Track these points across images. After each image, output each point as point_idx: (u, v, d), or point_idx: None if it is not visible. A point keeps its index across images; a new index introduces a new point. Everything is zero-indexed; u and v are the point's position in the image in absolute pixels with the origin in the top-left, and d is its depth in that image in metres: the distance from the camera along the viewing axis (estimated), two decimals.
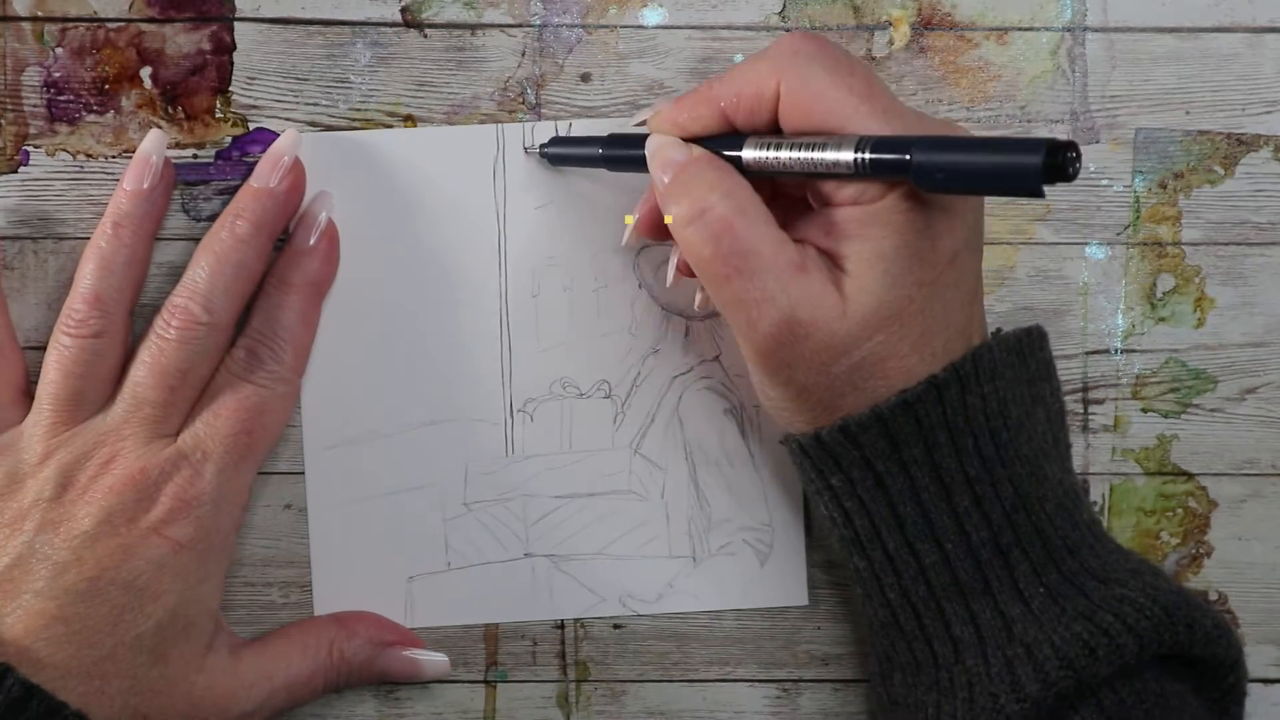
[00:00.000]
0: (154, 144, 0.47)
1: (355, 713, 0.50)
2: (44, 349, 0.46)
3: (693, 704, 0.50)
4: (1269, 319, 0.50)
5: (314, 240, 0.48)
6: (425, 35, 0.49)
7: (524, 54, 0.49)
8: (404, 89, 0.49)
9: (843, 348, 0.41)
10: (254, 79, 0.48)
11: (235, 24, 0.48)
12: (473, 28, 0.49)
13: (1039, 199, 0.37)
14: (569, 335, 0.49)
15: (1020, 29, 0.49)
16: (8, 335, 0.48)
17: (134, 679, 0.43)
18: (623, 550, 0.50)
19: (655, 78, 0.49)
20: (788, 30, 0.49)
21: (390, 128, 0.49)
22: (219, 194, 0.48)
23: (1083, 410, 0.50)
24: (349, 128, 0.49)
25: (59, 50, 0.48)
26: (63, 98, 0.48)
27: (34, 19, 0.48)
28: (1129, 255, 0.50)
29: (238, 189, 0.47)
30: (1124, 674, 0.41)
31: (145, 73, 0.48)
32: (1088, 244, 0.50)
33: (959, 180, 0.38)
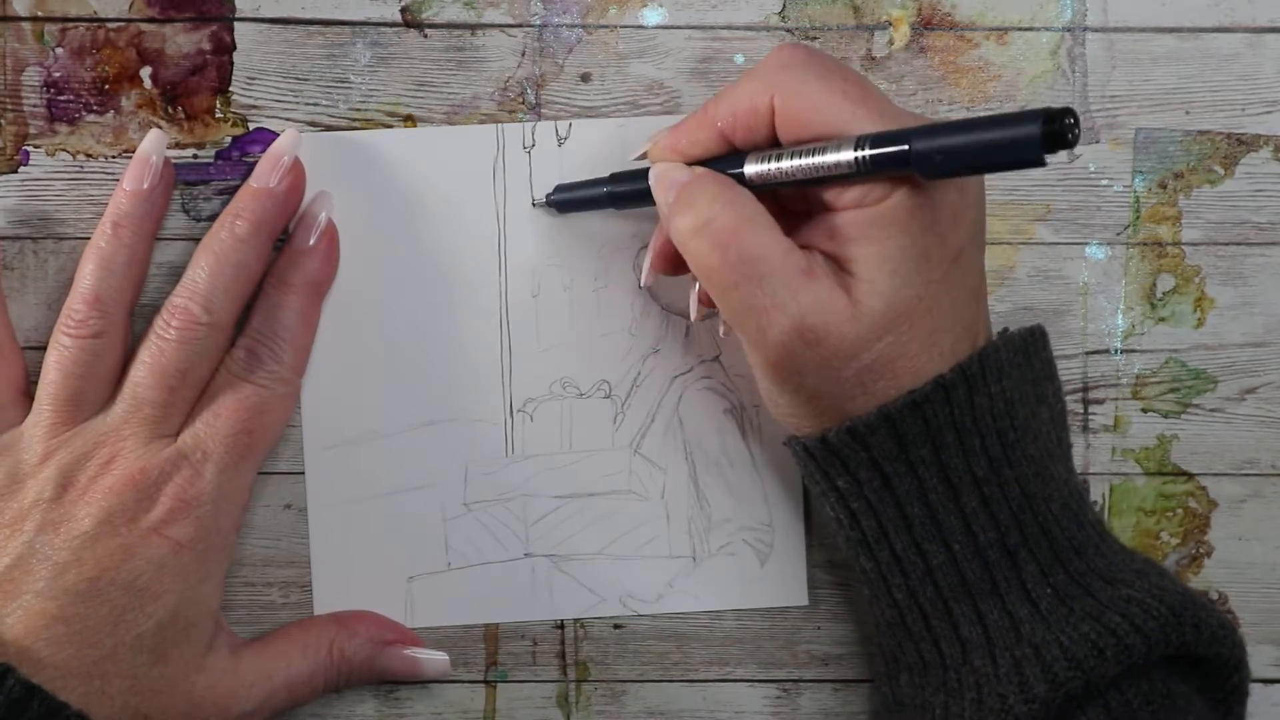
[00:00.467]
0: (154, 144, 0.47)
1: (355, 712, 0.50)
2: (44, 349, 0.46)
3: (693, 704, 0.50)
4: (1269, 319, 0.50)
5: (314, 240, 0.48)
6: (425, 35, 0.49)
7: (524, 54, 0.49)
8: (404, 89, 0.49)
9: (853, 351, 0.41)
10: (254, 79, 0.48)
11: (235, 24, 0.48)
12: (473, 28, 0.49)
13: (1041, 167, 0.37)
14: (569, 335, 0.49)
15: (1020, 29, 0.49)
16: (8, 335, 0.48)
17: (134, 679, 0.43)
18: (623, 550, 0.50)
19: (655, 78, 0.49)
20: (788, 30, 0.49)
21: (390, 128, 0.49)
22: (219, 194, 0.48)
23: (1083, 410, 0.50)
24: (349, 128, 0.49)
25: (59, 50, 0.48)
26: (63, 98, 0.48)
27: (34, 19, 0.48)
28: (1129, 255, 0.50)
29: (238, 189, 0.47)
30: (1131, 674, 0.42)
31: (145, 73, 0.48)
32: (1088, 244, 0.50)
33: (961, 160, 0.38)
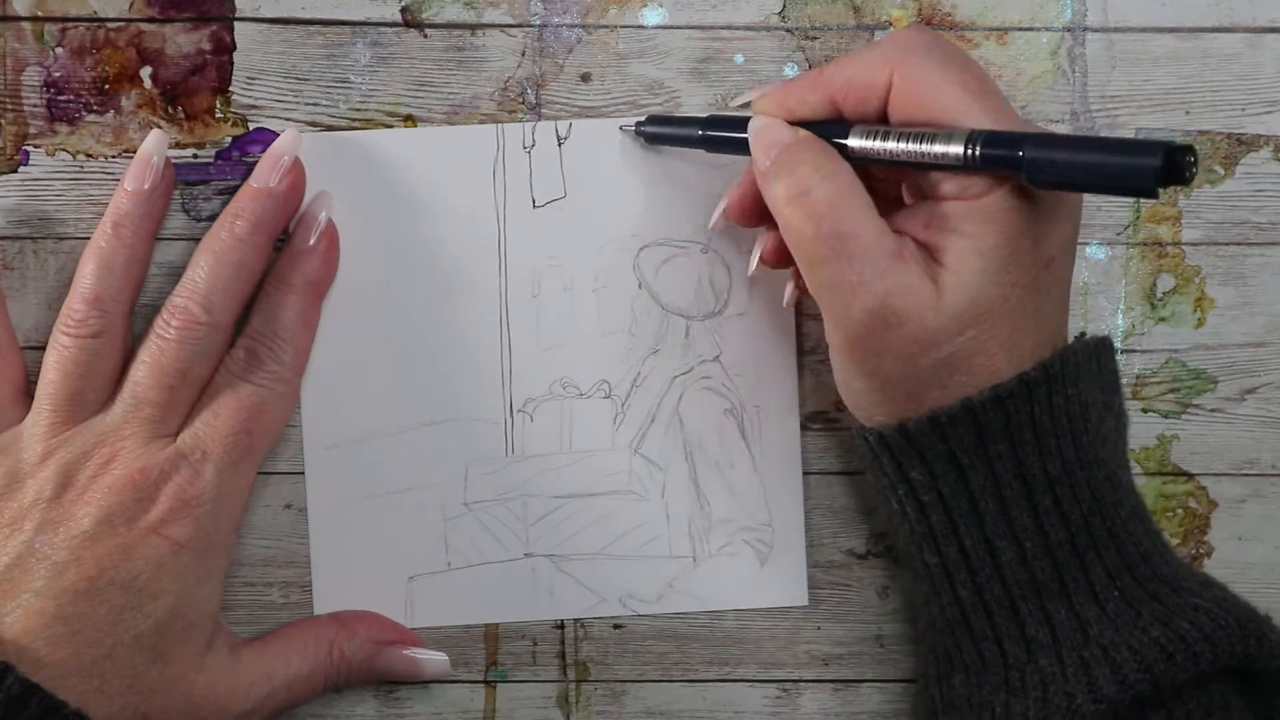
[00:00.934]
0: (155, 144, 0.47)
1: (355, 713, 0.50)
2: (44, 349, 0.46)
3: (693, 704, 0.50)
4: (1269, 319, 0.50)
5: (314, 240, 0.48)
6: (425, 35, 0.49)
7: (524, 54, 0.49)
8: (404, 89, 0.49)
9: (933, 340, 0.41)
10: (254, 79, 0.48)
11: (235, 24, 0.48)
12: (473, 28, 0.49)
13: (1152, 199, 0.37)
14: (569, 335, 0.49)
15: (1020, 29, 0.49)
16: (7, 335, 0.48)
17: (133, 678, 0.43)
18: (623, 550, 0.50)
19: (655, 78, 0.49)
20: (788, 31, 0.49)
21: (390, 128, 0.49)
22: (219, 194, 0.48)
23: None
24: (349, 128, 0.49)
25: (59, 50, 0.48)
26: (63, 98, 0.48)
27: (34, 19, 0.48)
28: (1129, 255, 0.50)
29: (238, 189, 0.47)
30: (1193, 684, 0.41)
31: (145, 73, 0.48)
32: (1088, 244, 0.50)
33: (1072, 176, 0.38)
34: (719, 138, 0.46)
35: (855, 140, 0.42)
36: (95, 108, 0.48)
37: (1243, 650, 0.41)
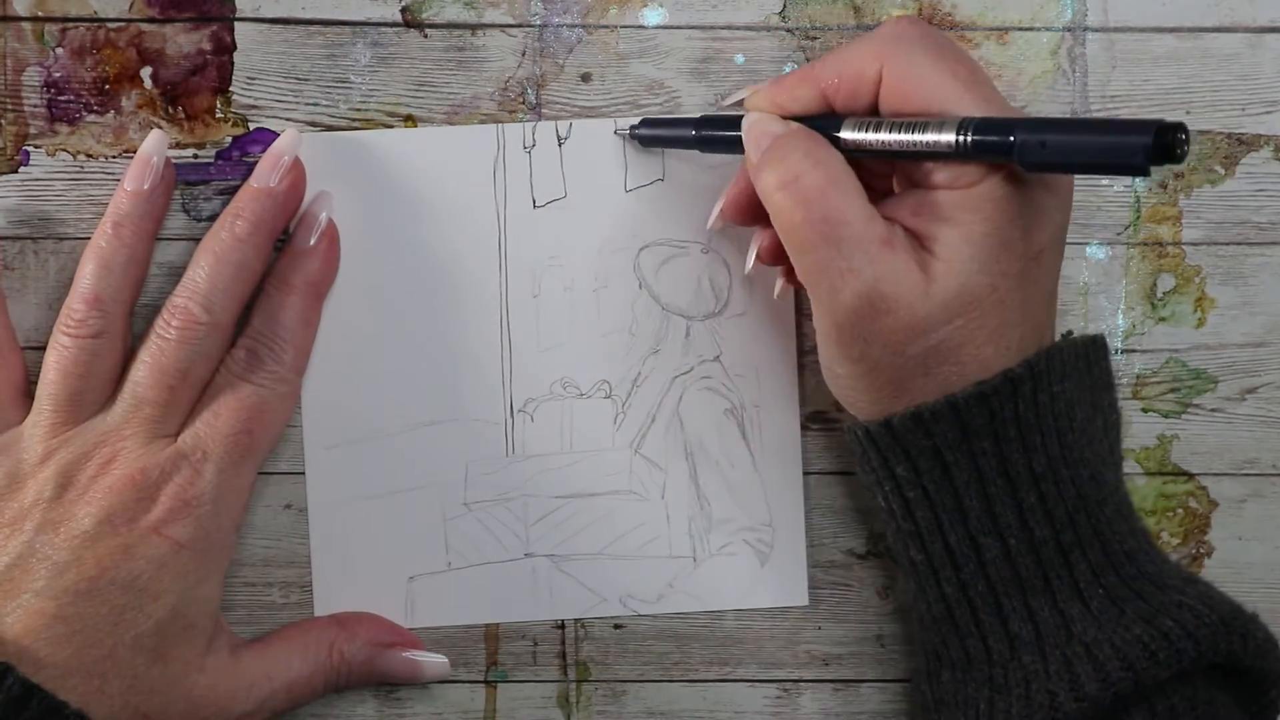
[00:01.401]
0: (155, 144, 0.47)
1: (355, 713, 0.50)
2: (44, 349, 0.46)
3: (693, 704, 0.50)
4: (1269, 319, 0.50)
5: (314, 240, 0.48)
6: (425, 35, 0.49)
7: (524, 54, 0.49)
8: (404, 89, 0.49)
9: (921, 328, 0.41)
10: (254, 79, 0.48)
11: (235, 24, 0.48)
12: (473, 28, 0.49)
13: (1145, 177, 0.37)
14: (569, 335, 0.49)
15: (1020, 29, 0.49)
16: (8, 335, 0.48)
17: (134, 678, 0.43)
18: (623, 550, 0.50)
19: (655, 78, 0.49)
20: (788, 31, 0.49)
21: (390, 128, 0.49)
22: (219, 194, 0.48)
23: None
24: (349, 128, 0.49)
25: (59, 50, 0.48)
26: (63, 98, 0.48)
27: (34, 19, 0.48)
28: (1129, 255, 0.50)
29: (238, 189, 0.47)
30: (1177, 680, 0.41)
31: (145, 73, 0.48)
32: (1088, 244, 0.50)
33: (1065, 156, 0.38)
34: (713, 137, 0.46)
35: (848, 133, 0.42)
36: (95, 108, 0.48)
37: (1226, 647, 0.41)
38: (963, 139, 0.40)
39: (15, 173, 0.48)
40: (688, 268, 0.49)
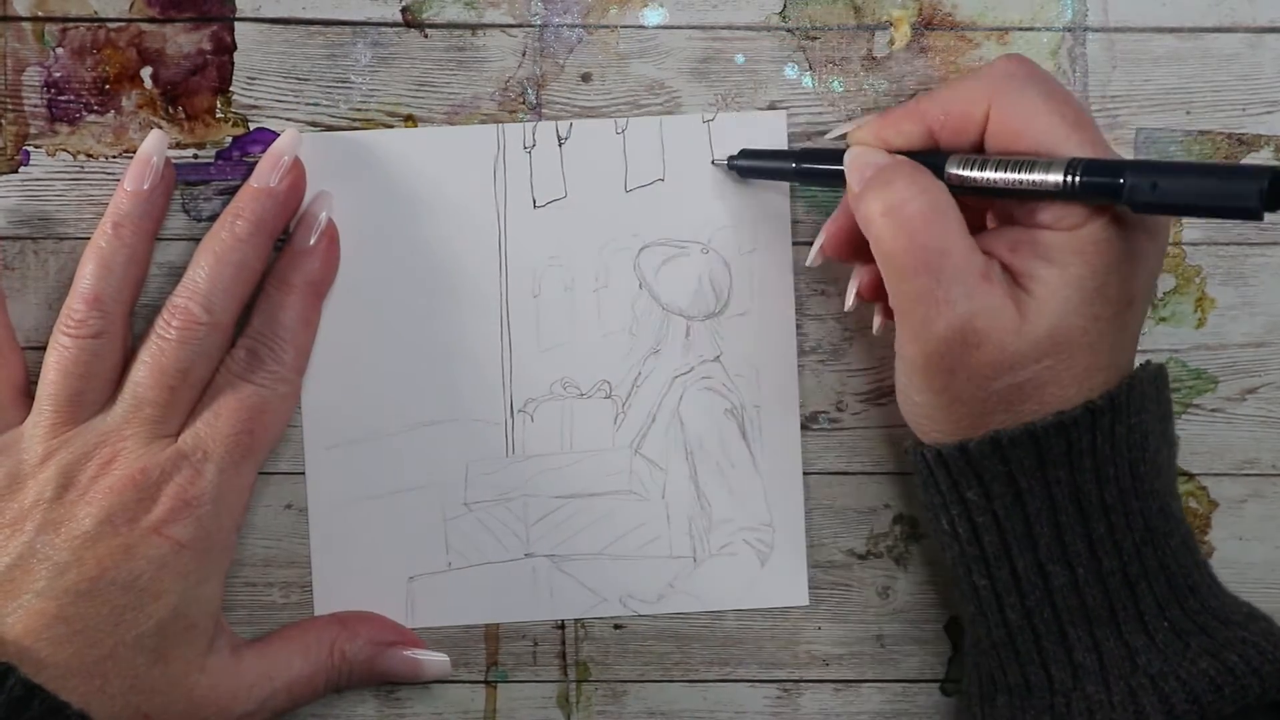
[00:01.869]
0: (155, 144, 0.47)
1: (356, 713, 0.50)
2: (44, 349, 0.46)
3: (693, 704, 0.50)
4: (1269, 319, 0.50)
5: (314, 240, 0.48)
6: (426, 35, 0.49)
7: (524, 54, 0.49)
8: (404, 89, 0.49)
9: (1009, 365, 0.41)
10: (254, 79, 0.48)
11: (236, 24, 0.48)
12: (473, 28, 0.49)
13: (1257, 221, 0.37)
14: (569, 335, 0.49)
15: (1021, 29, 0.49)
16: (8, 335, 0.48)
17: (135, 678, 0.43)
18: (623, 550, 0.50)
19: (656, 78, 0.49)
20: (789, 31, 0.49)
21: (390, 128, 0.49)
22: (219, 194, 0.48)
23: None
24: (349, 128, 0.49)
25: (59, 50, 0.48)
26: (63, 98, 0.48)
27: (34, 19, 0.48)
28: None
29: (238, 189, 0.47)
30: (1239, 716, 0.41)
31: (146, 73, 0.48)
32: None
33: (1176, 199, 0.38)
34: (814, 170, 0.46)
35: (954, 169, 0.42)
36: (96, 108, 0.48)
37: None
38: (1071, 179, 0.40)
39: (15, 173, 0.48)
40: (688, 268, 0.49)
